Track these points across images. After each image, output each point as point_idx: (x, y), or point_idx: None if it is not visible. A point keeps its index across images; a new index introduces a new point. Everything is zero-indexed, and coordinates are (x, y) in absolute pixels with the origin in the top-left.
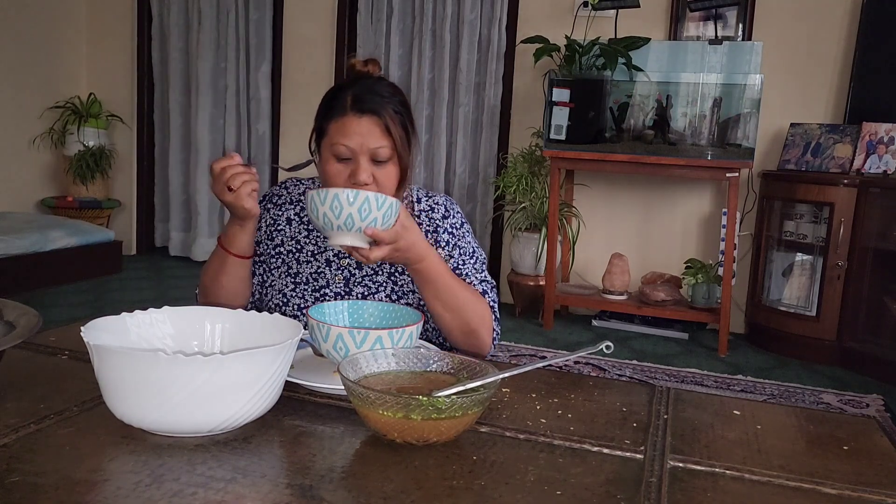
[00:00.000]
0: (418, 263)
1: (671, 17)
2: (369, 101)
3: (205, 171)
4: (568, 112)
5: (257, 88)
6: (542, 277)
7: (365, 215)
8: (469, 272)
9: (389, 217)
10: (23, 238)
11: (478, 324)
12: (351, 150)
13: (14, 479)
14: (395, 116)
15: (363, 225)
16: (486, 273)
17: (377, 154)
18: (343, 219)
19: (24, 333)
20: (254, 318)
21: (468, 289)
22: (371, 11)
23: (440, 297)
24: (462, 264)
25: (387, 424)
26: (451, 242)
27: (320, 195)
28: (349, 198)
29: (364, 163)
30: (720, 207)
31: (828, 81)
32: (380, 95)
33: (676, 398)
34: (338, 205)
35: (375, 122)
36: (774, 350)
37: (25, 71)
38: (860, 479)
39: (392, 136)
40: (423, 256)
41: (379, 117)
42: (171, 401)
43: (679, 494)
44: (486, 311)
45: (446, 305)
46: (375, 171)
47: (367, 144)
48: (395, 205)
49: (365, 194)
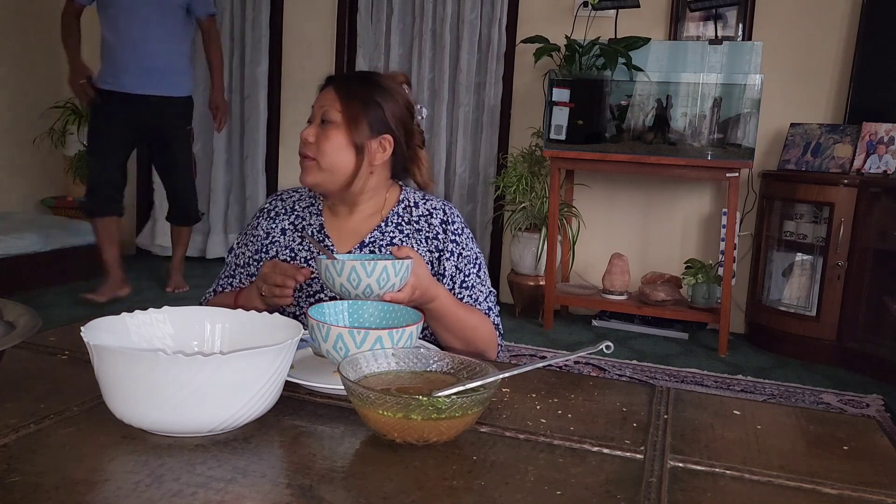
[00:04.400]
0: (430, 304)
1: (671, 17)
2: (344, 78)
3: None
4: (568, 112)
5: (255, 87)
6: (542, 277)
7: (383, 283)
8: (474, 283)
9: (406, 278)
10: (23, 238)
11: (484, 347)
12: (314, 114)
13: (14, 479)
14: (358, 93)
15: (381, 292)
16: (488, 280)
17: (325, 114)
18: (361, 289)
19: (24, 333)
20: (254, 318)
21: (475, 314)
22: (371, 11)
23: (450, 329)
24: (468, 276)
25: (387, 424)
26: (456, 252)
27: (336, 266)
28: (367, 269)
29: (315, 124)
30: (720, 207)
31: (828, 81)
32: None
33: (676, 398)
34: (356, 277)
35: (334, 89)
36: (774, 350)
37: (25, 71)
38: (860, 479)
39: (344, 104)
40: (434, 297)
41: (339, 85)
42: (171, 401)
43: (679, 494)
44: (492, 333)
45: (456, 336)
46: (319, 132)
47: (321, 106)
48: (411, 265)
49: (382, 265)
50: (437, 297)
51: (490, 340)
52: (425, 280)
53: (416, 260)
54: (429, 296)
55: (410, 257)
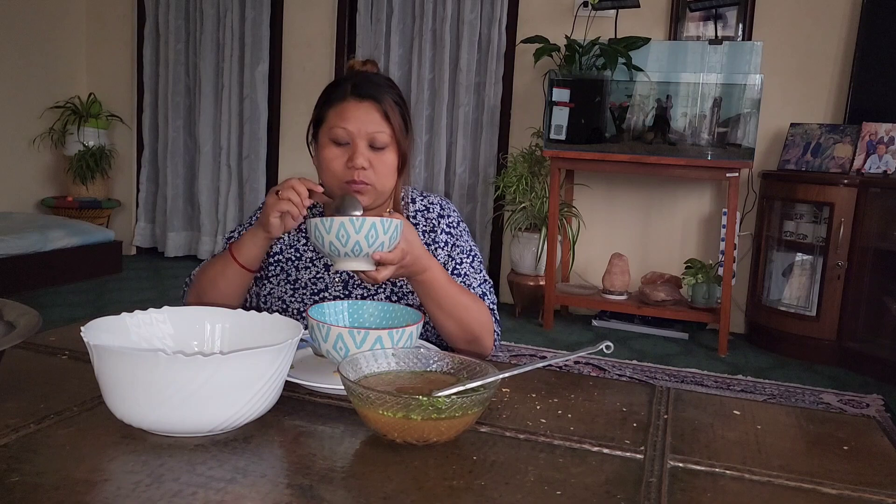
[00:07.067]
0: (421, 274)
1: (671, 17)
2: (370, 88)
3: (205, 171)
4: (568, 112)
5: (254, 88)
6: (542, 277)
7: (372, 241)
8: (468, 271)
9: (395, 238)
10: (23, 238)
11: (479, 330)
12: (349, 134)
13: (14, 479)
14: (395, 106)
15: (371, 250)
16: (485, 273)
17: (375, 139)
18: (350, 246)
19: (24, 333)
20: (254, 318)
21: (469, 294)
22: (371, 11)
23: (442, 305)
24: (460, 263)
25: (387, 424)
26: (450, 242)
27: (325, 224)
28: (356, 225)
29: (362, 147)
30: (720, 207)
31: (828, 81)
32: (380, 85)
33: (676, 398)
34: (344, 233)
35: (375, 108)
36: (774, 350)
37: (25, 71)
38: (860, 479)
39: (391, 123)
40: (426, 267)
41: (378, 103)
42: (171, 401)
43: (679, 494)
44: (487, 316)
45: (448, 314)
46: (372, 156)
47: (366, 128)
48: (400, 226)
49: (371, 221)
50: (429, 268)
51: (486, 324)
52: (417, 247)
53: (409, 227)
54: (420, 264)
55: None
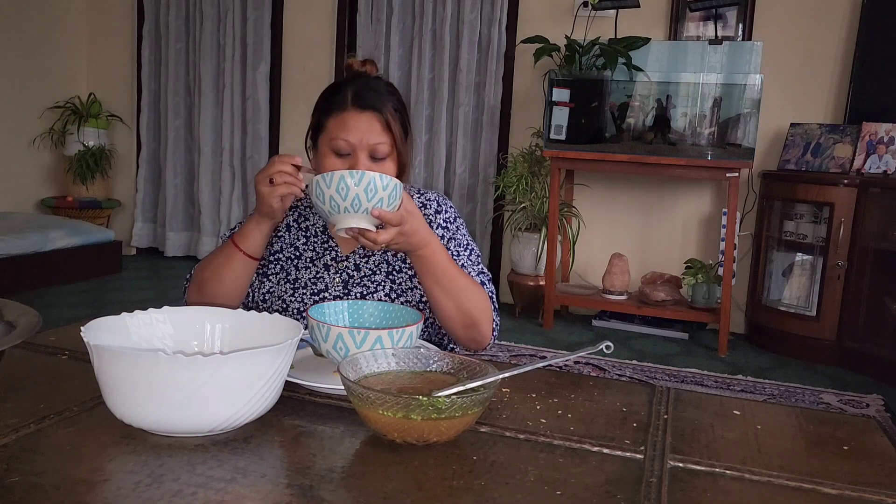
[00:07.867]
0: (422, 249)
1: (671, 17)
2: (370, 98)
3: (206, 171)
4: (568, 112)
5: (255, 88)
6: (542, 277)
7: (371, 195)
8: (465, 263)
9: (395, 198)
10: (23, 238)
11: (478, 315)
12: (350, 145)
13: (14, 479)
14: (395, 114)
15: (370, 206)
16: (483, 266)
17: (376, 150)
18: (350, 200)
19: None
20: (254, 318)
21: (468, 278)
22: (371, 11)
23: (441, 284)
24: (457, 256)
25: (387, 424)
26: (446, 237)
27: (325, 179)
28: (355, 178)
29: (363, 158)
30: (720, 207)
31: (828, 81)
32: (380, 92)
33: (676, 398)
34: (344, 186)
35: (376, 118)
36: (774, 350)
37: (25, 71)
38: (860, 479)
39: (392, 133)
40: (427, 242)
41: (380, 113)
42: (171, 401)
43: (679, 494)
44: (486, 302)
45: (448, 293)
46: (374, 167)
47: (367, 140)
48: (399, 186)
49: (370, 175)
50: (429, 243)
51: (485, 309)
52: (418, 218)
53: (409, 200)
54: (421, 237)
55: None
